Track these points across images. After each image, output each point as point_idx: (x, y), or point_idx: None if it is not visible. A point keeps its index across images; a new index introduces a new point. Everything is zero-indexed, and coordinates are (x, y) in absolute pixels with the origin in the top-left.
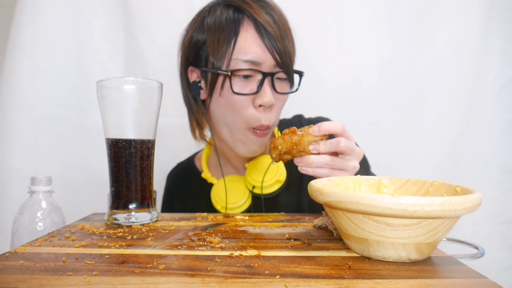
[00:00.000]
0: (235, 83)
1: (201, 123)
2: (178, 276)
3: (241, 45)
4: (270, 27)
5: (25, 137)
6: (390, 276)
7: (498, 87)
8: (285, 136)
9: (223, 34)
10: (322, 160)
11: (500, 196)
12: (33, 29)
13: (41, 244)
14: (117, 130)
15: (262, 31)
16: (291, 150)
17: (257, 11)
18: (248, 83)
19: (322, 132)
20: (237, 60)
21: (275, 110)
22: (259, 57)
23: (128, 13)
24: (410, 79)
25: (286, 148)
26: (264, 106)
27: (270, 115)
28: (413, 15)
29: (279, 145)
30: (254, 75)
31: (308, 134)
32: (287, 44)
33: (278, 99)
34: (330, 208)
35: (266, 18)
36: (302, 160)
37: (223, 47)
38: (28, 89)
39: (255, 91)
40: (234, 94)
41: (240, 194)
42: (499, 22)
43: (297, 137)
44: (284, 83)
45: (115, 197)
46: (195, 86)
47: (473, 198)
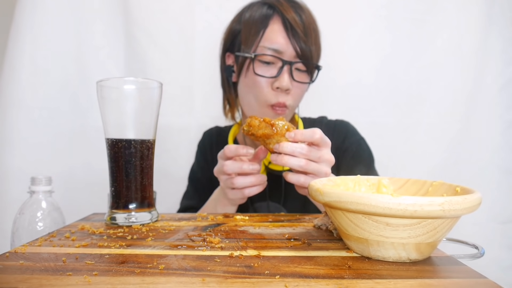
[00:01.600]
0: (258, 66)
1: (231, 102)
2: (178, 276)
3: (268, 36)
4: (296, 23)
5: (25, 137)
6: (390, 276)
7: (498, 87)
8: (262, 123)
9: (255, 26)
10: (298, 148)
11: (500, 196)
12: (33, 29)
13: (41, 244)
14: (117, 130)
15: (288, 26)
16: (258, 137)
17: (286, 9)
18: (269, 68)
19: (298, 139)
20: (263, 48)
21: (292, 95)
22: (281, 47)
23: (128, 13)
24: (410, 79)
25: (256, 132)
26: (281, 89)
27: (287, 97)
28: (413, 15)
29: (253, 126)
30: (276, 63)
31: (281, 135)
32: (309, 40)
33: (295, 86)
34: (330, 208)
35: (293, 16)
36: (278, 146)
37: (254, 36)
38: (28, 89)
39: (274, 75)
40: (256, 75)
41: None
42: (499, 22)
43: (270, 131)
44: (303, 74)
45: (115, 197)
46: (228, 69)
47: (473, 198)
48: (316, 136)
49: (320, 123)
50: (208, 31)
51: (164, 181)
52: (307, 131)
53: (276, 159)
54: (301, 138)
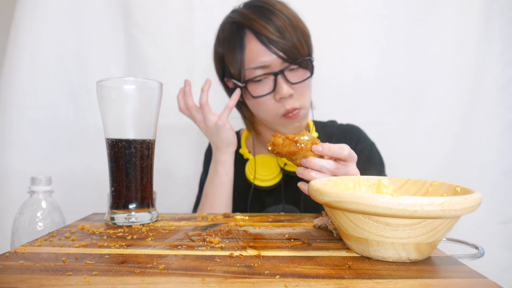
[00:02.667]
0: (254, 88)
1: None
2: (178, 276)
3: (248, 56)
4: (269, 32)
5: (25, 137)
6: (390, 276)
7: (498, 87)
8: (286, 141)
9: (233, 51)
10: (327, 165)
11: (500, 196)
12: (33, 29)
13: (41, 244)
14: (117, 130)
15: (263, 38)
16: (283, 155)
17: (255, 22)
18: (265, 84)
19: (325, 154)
20: (250, 70)
21: (298, 96)
22: (265, 61)
23: (128, 13)
24: (410, 79)
25: (281, 150)
26: (283, 98)
27: (292, 101)
28: (413, 15)
29: (277, 144)
30: (268, 77)
31: (307, 150)
32: (289, 39)
33: (296, 87)
34: (330, 208)
35: (264, 25)
36: (306, 161)
37: (237, 60)
38: (28, 89)
39: (272, 89)
40: (258, 95)
41: (272, 169)
42: (499, 22)
43: (295, 148)
44: (299, 71)
45: (115, 197)
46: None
47: (473, 198)
48: (345, 153)
49: (332, 127)
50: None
51: (164, 181)
52: (335, 146)
53: (302, 173)
54: (329, 153)
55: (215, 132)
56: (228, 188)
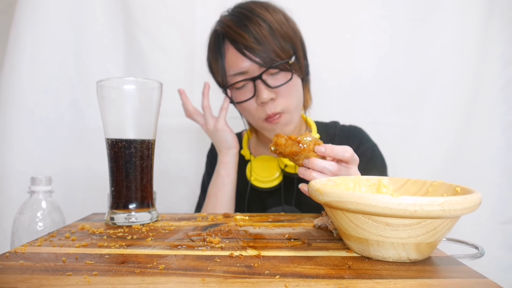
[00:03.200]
0: (236, 94)
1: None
2: (178, 276)
3: (228, 64)
4: (244, 39)
5: (25, 137)
6: (390, 276)
7: (498, 87)
8: (288, 141)
9: (215, 57)
10: (329, 166)
11: (500, 196)
12: (33, 29)
13: (41, 244)
14: (117, 130)
15: (239, 46)
16: (285, 155)
17: (231, 31)
18: (246, 90)
19: (328, 155)
20: (230, 76)
21: (279, 100)
22: (242, 67)
23: (128, 13)
24: (410, 79)
25: (283, 151)
26: (264, 103)
27: (273, 105)
28: (413, 15)
29: (279, 145)
30: (247, 82)
31: (309, 151)
32: (266, 44)
33: (278, 91)
34: (330, 208)
35: (240, 33)
36: (308, 162)
37: (219, 67)
38: (28, 89)
39: (253, 94)
40: (239, 102)
41: (272, 170)
42: (499, 22)
43: (298, 148)
44: (280, 75)
45: (115, 197)
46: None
47: (473, 198)
48: (347, 155)
49: (334, 128)
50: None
51: (164, 181)
52: (338, 148)
53: (304, 173)
54: (332, 155)
55: (216, 134)
56: (229, 189)
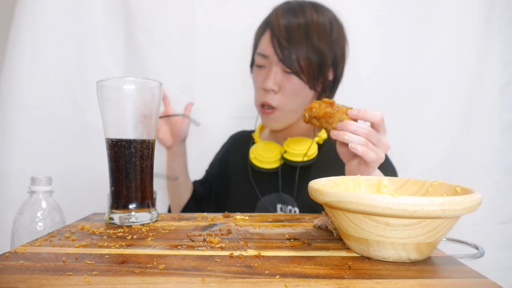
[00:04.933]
0: (255, 70)
1: None
2: (178, 276)
3: (261, 43)
4: (279, 31)
5: (25, 137)
6: (390, 276)
7: (498, 87)
8: (322, 104)
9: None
10: (361, 128)
11: (500, 196)
12: (33, 29)
13: (41, 244)
14: (117, 130)
15: (275, 34)
16: (320, 118)
17: (276, 18)
18: (262, 72)
19: (361, 117)
20: (257, 54)
21: (280, 96)
22: (266, 52)
23: (128, 13)
24: (410, 79)
25: (317, 113)
26: (266, 89)
27: (271, 97)
28: (413, 15)
29: (313, 107)
30: (266, 66)
31: (343, 113)
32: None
33: (283, 86)
34: (330, 208)
35: (281, 23)
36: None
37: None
38: (28, 89)
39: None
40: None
41: (273, 153)
42: (499, 22)
43: (332, 110)
44: (292, 76)
45: (115, 197)
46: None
47: (473, 198)
48: (377, 118)
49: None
50: (208, 31)
51: (164, 181)
52: (370, 111)
53: (338, 134)
54: (365, 116)
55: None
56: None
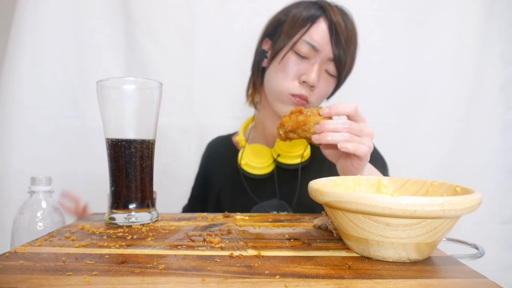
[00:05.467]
0: (293, 57)
1: (256, 86)
2: (178, 276)
3: (311, 32)
4: (341, 29)
5: (25, 137)
6: (390, 276)
7: (498, 87)
8: (292, 115)
9: (301, 21)
10: (340, 123)
11: (500, 196)
12: (33, 29)
13: (41, 244)
14: (117, 130)
15: (332, 29)
16: (296, 129)
17: (335, 13)
18: (302, 62)
19: (333, 113)
20: (303, 41)
21: (316, 93)
22: (320, 46)
23: (128, 13)
24: (410, 79)
25: (291, 126)
26: (307, 84)
27: (310, 92)
28: (413, 15)
29: (285, 122)
30: (310, 59)
31: (315, 115)
32: (348, 49)
33: (321, 86)
34: (330, 208)
35: (340, 21)
36: (319, 127)
37: (297, 29)
38: (28, 89)
39: (303, 70)
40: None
41: (265, 158)
42: (499, 22)
43: (303, 116)
44: (331, 78)
45: (115, 197)
46: (262, 53)
47: (473, 198)
48: (350, 109)
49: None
50: (208, 31)
51: (164, 181)
52: (341, 104)
53: (319, 137)
54: (338, 112)
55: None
56: None
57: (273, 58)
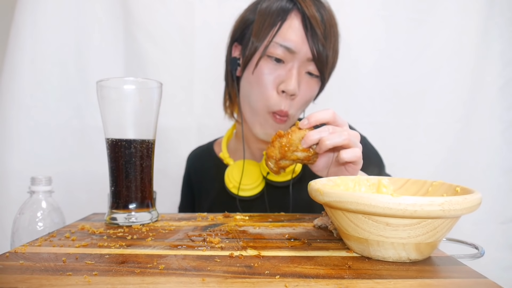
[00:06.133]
0: (266, 64)
1: (233, 98)
2: (178, 276)
3: (283, 31)
4: (316, 23)
5: (25, 137)
6: (390, 276)
7: (498, 87)
8: (274, 143)
9: (270, 18)
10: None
11: (500, 196)
12: (33, 30)
13: (41, 244)
14: (117, 130)
15: (307, 25)
16: (285, 154)
17: (308, 5)
18: (278, 68)
19: (312, 123)
20: (275, 44)
21: (298, 102)
22: (296, 46)
23: (128, 13)
24: (410, 79)
25: (279, 154)
26: (286, 93)
27: (291, 103)
28: (413, 15)
29: (271, 153)
30: (286, 62)
31: (294, 131)
32: (328, 43)
33: (302, 91)
34: (330, 208)
35: (315, 14)
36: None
37: (267, 29)
38: (28, 89)
39: (281, 77)
40: (263, 74)
41: (254, 177)
42: (499, 22)
43: (285, 138)
44: (314, 80)
45: (115, 197)
46: (233, 61)
47: (473, 198)
48: (329, 114)
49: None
50: (208, 31)
51: (164, 181)
52: (318, 112)
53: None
54: (316, 119)
55: None
56: None
57: (246, 67)
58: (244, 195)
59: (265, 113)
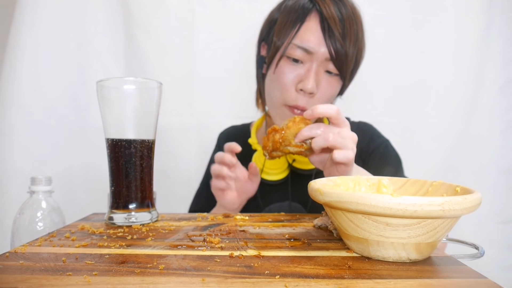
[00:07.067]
0: (287, 64)
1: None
2: (178, 276)
3: (301, 33)
4: (334, 23)
5: (25, 137)
6: (390, 276)
7: (498, 87)
8: (269, 135)
9: (290, 19)
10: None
11: (500, 196)
12: (33, 29)
13: (41, 244)
14: (117, 130)
15: (325, 25)
16: (278, 147)
17: (327, 6)
18: (297, 67)
19: (316, 115)
20: (294, 45)
21: (318, 99)
22: (313, 47)
23: (128, 13)
24: (410, 79)
25: (272, 146)
26: (304, 92)
27: (309, 100)
28: (413, 15)
29: (265, 144)
30: (305, 62)
31: (289, 127)
32: (346, 41)
33: (322, 89)
34: (330, 208)
35: (333, 13)
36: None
37: (288, 30)
38: (28, 89)
39: (300, 77)
40: (283, 73)
41: (279, 164)
42: (499, 22)
43: (279, 135)
44: (334, 78)
45: (115, 197)
46: (261, 60)
47: (473, 198)
48: (333, 110)
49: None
50: (208, 31)
51: (164, 181)
52: (324, 106)
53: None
54: (319, 112)
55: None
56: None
57: (269, 66)
58: (268, 178)
59: (283, 107)
